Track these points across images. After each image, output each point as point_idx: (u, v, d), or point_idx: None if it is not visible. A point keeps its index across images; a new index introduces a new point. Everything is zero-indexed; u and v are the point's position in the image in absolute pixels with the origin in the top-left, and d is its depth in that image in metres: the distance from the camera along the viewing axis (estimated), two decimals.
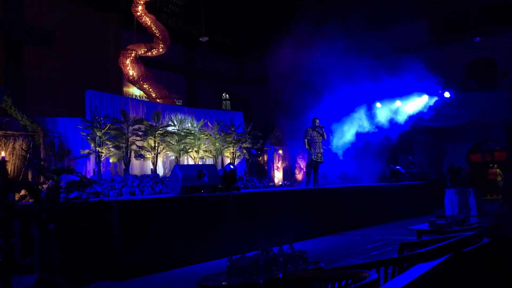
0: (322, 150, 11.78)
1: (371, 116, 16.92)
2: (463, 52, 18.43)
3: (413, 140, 17.34)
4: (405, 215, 13.05)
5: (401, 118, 16.69)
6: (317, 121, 11.95)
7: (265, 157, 17.48)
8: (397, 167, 15.84)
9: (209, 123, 14.33)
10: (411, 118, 16.61)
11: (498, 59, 17.98)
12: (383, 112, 16.97)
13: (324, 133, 11.82)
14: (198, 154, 13.62)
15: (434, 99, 16.58)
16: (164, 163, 13.33)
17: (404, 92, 16.50)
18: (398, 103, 17.00)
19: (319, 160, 11.68)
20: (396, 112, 16.90)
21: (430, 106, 16.58)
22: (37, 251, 6.08)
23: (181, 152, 13.06)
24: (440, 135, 17.66)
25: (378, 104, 17.20)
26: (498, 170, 19.16)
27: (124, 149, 11.74)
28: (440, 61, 16.52)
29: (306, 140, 11.73)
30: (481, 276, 3.16)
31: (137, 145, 12.13)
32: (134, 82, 15.34)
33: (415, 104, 16.79)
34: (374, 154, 17.63)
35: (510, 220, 3.53)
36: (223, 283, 3.35)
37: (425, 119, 16.42)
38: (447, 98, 16.54)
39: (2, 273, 5.54)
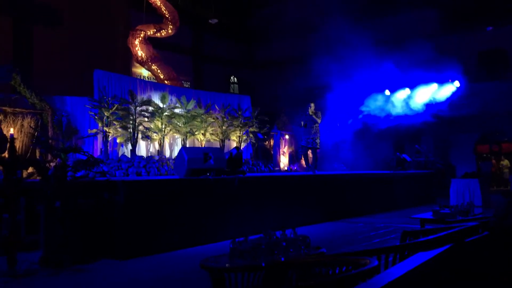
0: (317, 136, 11.47)
1: (383, 103, 16.86)
2: (474, 42, 18.21)
3: (421, 129, 17.25)
4: (409, 203, 13.05)
5: (415, 106, 16.59)
6: (312, 105, 11.64)
7: (272, 142, 17.49)
8: (404, 155, 15.80)
9: (216, 106, 14.33)
10: (429, 107, 16.47)
11: (509, 50, 17.77)
12: (396, 100, 16.90)
13: (319, 117, 11.49)
14: (204, 137, 13.66)
15: (449, 87, 16.45)
16: (170, 145, 13.39)
17: (415, 81, 16.40)
18: (407, 91, 16.91)
19: (309, 146, 11.44)
20: (408, 100, 16.81)
21: (448, 97, 16.46)
22: (43, 229, 6.16)
23: (188, 134, 13.10)
24: (448, 125, 17.55)
25: (387, 92, 17.11)
26: (506, 161, 19.05)
27: (131, 130, 11.79)
28: (451, 51, 16.35)
29: (302, 123, 11.50)
30: (482, 267, 3.17)
31: (144, 126, 12.17)
32: (142, 63, 15.34)
33: (427, 93, 16.68)
34: (381, 141, 17.60)
35: None
36: (226, 265, 3.39)
37: (442, 109, 16.24)
38: (457, 87, 16.43)
39: (7, 249, 5.63)
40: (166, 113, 12.52)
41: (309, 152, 12.17)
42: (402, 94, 16.96)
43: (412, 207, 12.51)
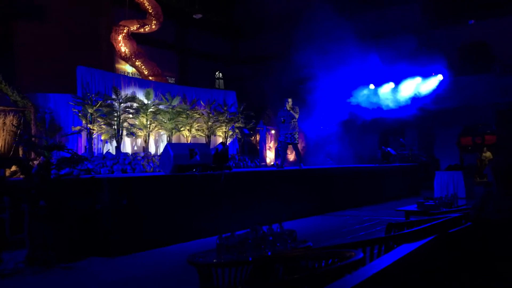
0: (295, 131, 11.32)
1: (368, 98, 16.94)
2: (457, 36, 18.36)
3: (405, 122, 17.40)
4: (394, 196, 13.19)
5: (400, 100, 16.70)
6: (290, 101, 11.57)
7: (258, 137, 17.50)
8: (388, 148, 15.94)
9: (201, 102, 14.28)
10: (413, 101, 16.56)
11: (491, 43, 17.97)
12: (380, 94, 17.00)
13: (296, 112, 11.44)
14: (190, 133, 13.61)
15: (432, 81, 16.59)
16: (156, 141, 13.32)
17: (400, 74, 16.50)
18: (391, 85, 17.02)
19: (288, 141, 11.32)
20: (393, 94, 16.91)
21: (432, 90, 16.57)
22: (27, 228, 6.09)
23: (173, 130, 13.03)
24: (432, 118, 17.73)
25: (371, 86, 17.21)
26: (488, 153, 19.31)
27: (115, 127, 11.70)
28: (435, 44, 16.49)
29: (282, 119, 11.43)
30: (466, 257, 3.22)
31: (128, 123, 12.08)
32: (126, 59, 15.20)
33: (411, 86, 16.81)
34: (366, 135, 17.71)
35: (497, 201, 3.57)
36: (213, 261, 3.40)
37: (426, 103, 16.32)
38: (441, 81, 16.58)
39: None
40: (151, 110, 12.43)
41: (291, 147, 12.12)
42: (386, 88, 17.08)
43: (397, 200, 12.65)
